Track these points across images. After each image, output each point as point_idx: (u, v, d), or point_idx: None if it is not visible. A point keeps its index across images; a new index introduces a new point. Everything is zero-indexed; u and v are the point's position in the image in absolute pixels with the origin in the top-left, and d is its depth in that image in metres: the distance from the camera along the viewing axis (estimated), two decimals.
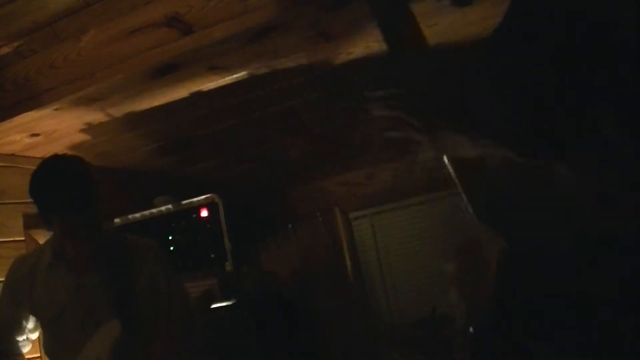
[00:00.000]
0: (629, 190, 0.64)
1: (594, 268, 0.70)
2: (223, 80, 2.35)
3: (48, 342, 2.04)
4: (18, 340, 2.06)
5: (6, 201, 2.87)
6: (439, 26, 2.11)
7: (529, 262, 0.85)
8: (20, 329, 2.05)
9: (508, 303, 0.88)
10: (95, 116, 2.50)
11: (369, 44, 2.18)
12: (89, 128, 2.65)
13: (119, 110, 2.48)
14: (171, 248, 3.10)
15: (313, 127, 2.74)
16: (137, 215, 3.13)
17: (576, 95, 0.70)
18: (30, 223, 2.91)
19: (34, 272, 2.02)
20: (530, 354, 0.85)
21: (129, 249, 2.05)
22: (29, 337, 2.09)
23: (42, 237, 2.98)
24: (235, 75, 2.32)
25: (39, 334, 2.12)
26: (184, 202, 3.06)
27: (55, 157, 1.99)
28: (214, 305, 2.85)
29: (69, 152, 2.94)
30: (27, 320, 2.05)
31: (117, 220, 3.15)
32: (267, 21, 1.88)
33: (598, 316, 0.71)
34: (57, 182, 1.92)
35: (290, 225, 2.36)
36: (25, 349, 2.11)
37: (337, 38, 2.12)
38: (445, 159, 0.98)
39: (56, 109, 2.31)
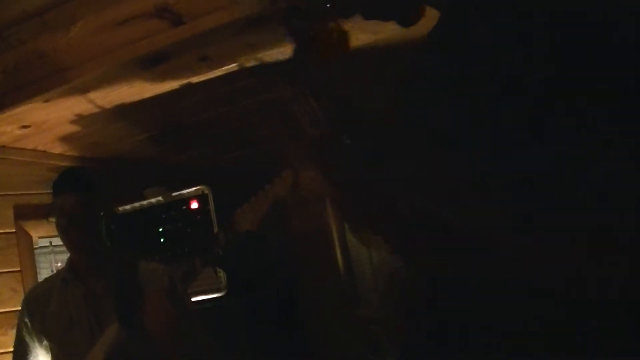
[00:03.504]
0: (629, 190, 0.64)
1: (594, 268, 0.71)
2: (213, 72, 2.35)
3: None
4: None
5: None
6: None
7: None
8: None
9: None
10: (85, 107, 2.50)
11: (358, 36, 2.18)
12: (80, 119, 2.64)
13: (109, 101, 2.48)
14: (161, 240, 3.11)
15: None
16: (127, 207, 3.13)
17: (576, 92, 0.69)
18: (21, 214, 2.92)
19: (50, 290, 2.12)
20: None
21: (138, 266, 2.12)
22: None
23: (33, 229, 2.98)
24: (225, 67, 2.33)
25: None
26: (174, 193, 3.06)
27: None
28: (202, 298, 2.86)
29: (59, 143, 2.95)
30: (42, 348, 2.08)
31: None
32: (254, 13, 1.89)
33: (597, 317, 0.71)
34: (65, 177, 2.19)
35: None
36: None
37: None
38: None
39: (46, 100, 2.31)
